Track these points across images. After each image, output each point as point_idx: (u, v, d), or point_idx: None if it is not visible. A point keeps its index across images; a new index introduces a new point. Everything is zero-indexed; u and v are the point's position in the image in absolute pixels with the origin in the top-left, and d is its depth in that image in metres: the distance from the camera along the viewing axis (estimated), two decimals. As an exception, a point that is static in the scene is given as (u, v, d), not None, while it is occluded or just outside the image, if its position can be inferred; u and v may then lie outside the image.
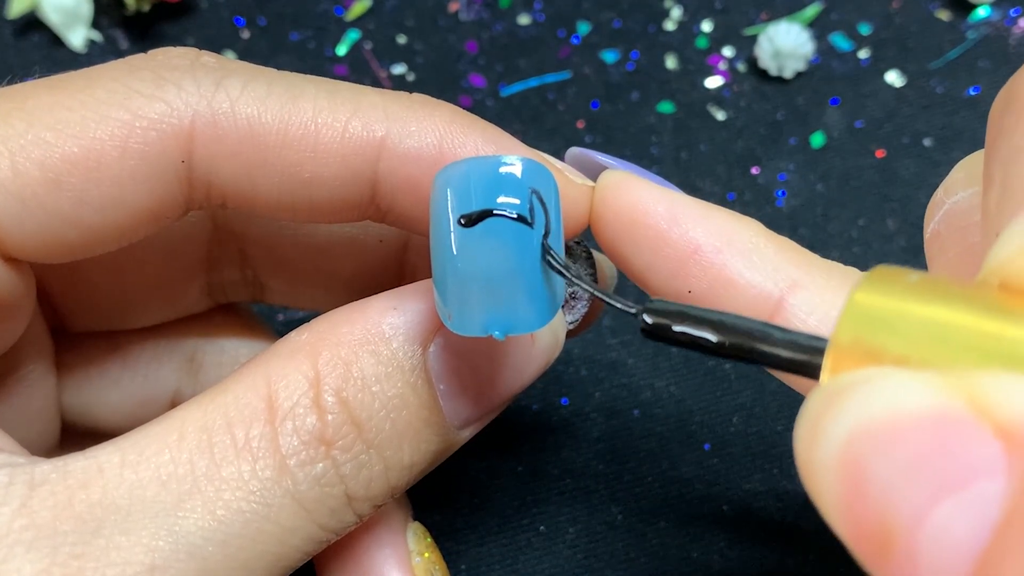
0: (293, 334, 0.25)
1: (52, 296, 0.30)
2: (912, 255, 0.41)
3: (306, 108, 0.25)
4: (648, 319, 0.19)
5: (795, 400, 0.38)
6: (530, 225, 0.21)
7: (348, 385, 0.24)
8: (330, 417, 0.23)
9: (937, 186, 0.43)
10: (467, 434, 0.26)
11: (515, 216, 0.21)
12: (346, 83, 0.26)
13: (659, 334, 0.19)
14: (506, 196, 0.21)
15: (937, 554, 0.13)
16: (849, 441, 0.14)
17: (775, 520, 0.36)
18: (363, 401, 0.24)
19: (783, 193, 0.43)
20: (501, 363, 0.26)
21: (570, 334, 0.28)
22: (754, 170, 0.43)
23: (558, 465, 0.37)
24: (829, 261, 0.27)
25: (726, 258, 0.26)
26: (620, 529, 0.36)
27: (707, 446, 0.37)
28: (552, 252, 0.21)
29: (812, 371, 0.17)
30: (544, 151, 0.43)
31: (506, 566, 0.36)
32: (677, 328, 0.18)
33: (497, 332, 0.22)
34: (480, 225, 0.21)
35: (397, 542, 0.29)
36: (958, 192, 0.23)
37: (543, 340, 0.26)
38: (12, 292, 0.25)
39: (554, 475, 0.37)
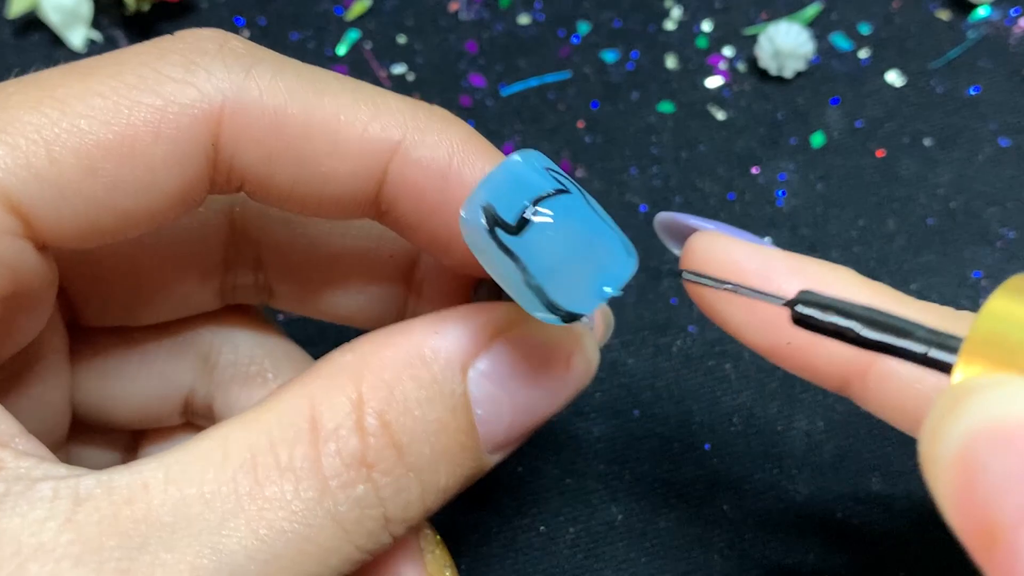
0: (336, 354, 0.25)
1: (69, 290, 0.30)
2: (912, 255, 0.41)
3: (331, 104, 0.25)
4: (801, 310, 0.20)
5: (795, 400, 0.38)
6: (568, 192, 0.23)
7: (391, 408, 0.24)
8: (372, 440, 0.23)
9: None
10: (497, 458, 0.26)
11: (554, 192, 0.22)
12: (370, 85, 0.26)
13: (809, 323, 0.20)
14: (537, 182, 0.23)
15: None
16: (966, 441, 0.15)
17: (775, 520, 0.36)
18: (405, 425, 0.24)
19: (783, 193, 0.43)
20: (536, 389, 0.26)
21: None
22: (754, 170, 0.43)
23: (558, 465, 0.37)
24: (923, 302, 0.27)
25: None
26: (620, 529, 0.36)
27: (707, 446, 0.37)
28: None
29: (945, 369, 0.18)
30: (544, 151, 0.43)
31: (506, 566, 0.36)
32: (826, 319, 0.20)
33: (610, 289, 0.23)
34: (536, 217, 0.22)
35: (409, 539, 0.29)
36: None
37: (578, 367, 0.27)
38: (41, 281, 0.25)
39: (554, 475, 0.37)
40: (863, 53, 0.46)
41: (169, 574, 0.21)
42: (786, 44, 0.44)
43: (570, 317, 0.23)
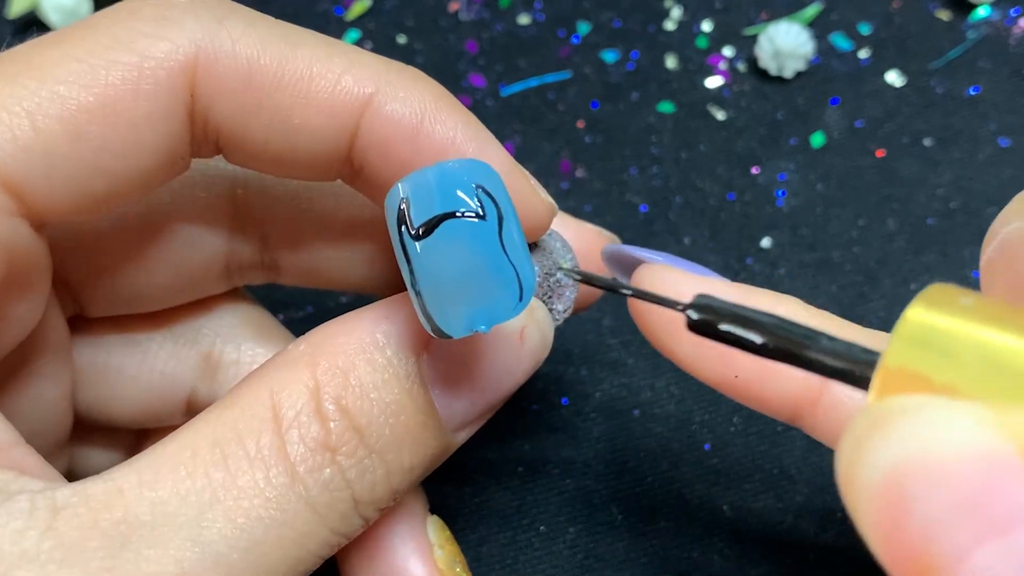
0: (291, 346, 0.25)
1: (72, 280, 0.30)
2: (912, 255, 0.41)
3: (304, 55, 0.25)
4: (694, 315, 0.19)
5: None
6: (483, 218, 0.22)
7: (347, 393, 0.24)
8: (332, 424, 0.24)
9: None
10: (463, 436, 0.27)
11: (464, 213, 0.22)
12: (343, 42, 0.26)
13: (705, 331, 0.19)
14: (454, 197, 0.22)
15: None
16: (894, 471, 0.15)
17: (775, 520, 0.36)
18: (362, 408, 0.24)
19: (783, 193, 0.43)
20: (492, 365, 0.26)
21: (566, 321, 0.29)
22: (754, 170, 0.43)
23: (558, 465, 0.37)
24: (869, 330, 0.27)
25: None
26: (620, 529, 0.36)
27: (707, 446, 0.37)
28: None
29: (860, 382, 0.17)
30: (544, 151, 0.44)
31: (506, 566, 0.36)
32: (723, 327, 0.19)
33: (483, 326, 0.23)
34: (437, 230, 0.22)
35: (418, 535, 0.29)
36: (1012, 221, 0.22)
37: (531, 340, 0.27)
38: (37, 265, 0.25)
39: (554, 475, 0.37)
40: (863, 53, 0.46)
41: (154, 568, 0.21)
42: (786, 44, 0.44)
43: (438, 332, 0.23)
